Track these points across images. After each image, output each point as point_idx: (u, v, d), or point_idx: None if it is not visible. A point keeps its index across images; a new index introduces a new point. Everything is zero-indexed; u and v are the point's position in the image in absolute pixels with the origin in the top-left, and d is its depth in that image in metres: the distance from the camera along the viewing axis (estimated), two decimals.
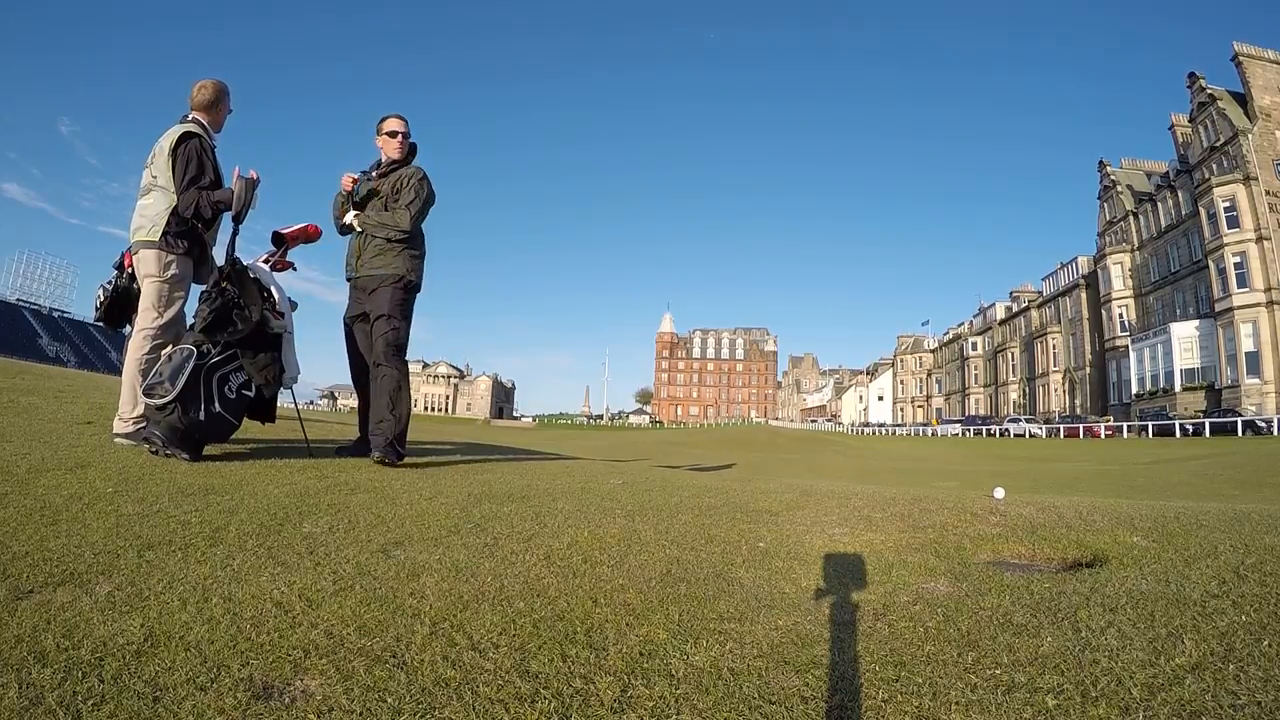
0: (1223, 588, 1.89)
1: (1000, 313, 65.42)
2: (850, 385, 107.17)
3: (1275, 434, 26.26)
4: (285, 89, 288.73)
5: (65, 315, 70.11)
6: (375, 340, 3.91)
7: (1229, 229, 35.39)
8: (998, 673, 1.43)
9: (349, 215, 4.05)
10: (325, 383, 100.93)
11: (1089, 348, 49.62)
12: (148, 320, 3.58)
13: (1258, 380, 33.37)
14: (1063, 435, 36.64)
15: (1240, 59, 36.89)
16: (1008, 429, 41.49)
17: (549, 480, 3.80)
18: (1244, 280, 34.58)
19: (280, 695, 1.23)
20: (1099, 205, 51.58)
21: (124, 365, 3.72)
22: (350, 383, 4.29)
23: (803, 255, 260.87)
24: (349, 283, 4.12)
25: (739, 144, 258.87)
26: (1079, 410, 48.45)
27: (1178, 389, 37.75)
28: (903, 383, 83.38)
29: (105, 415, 4.18)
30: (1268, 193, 34.57)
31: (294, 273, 4.14)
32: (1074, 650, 1.52)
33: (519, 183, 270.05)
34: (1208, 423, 29.82)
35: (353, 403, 4.41)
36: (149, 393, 3.22)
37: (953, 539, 2.61)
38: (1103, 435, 33.74)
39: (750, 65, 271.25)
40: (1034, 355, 56.25)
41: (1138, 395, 41.17)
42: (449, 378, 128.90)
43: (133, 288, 3.96)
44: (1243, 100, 37.09)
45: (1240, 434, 27.34)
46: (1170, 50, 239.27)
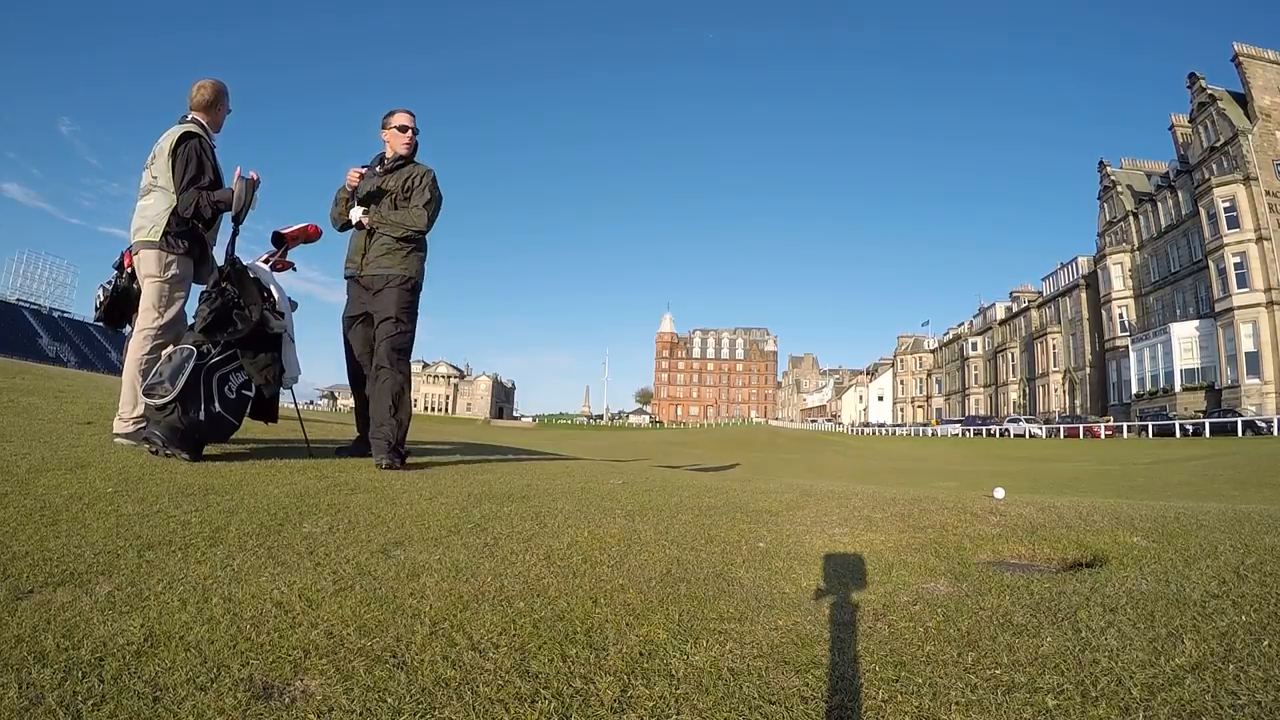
0: (1223, 588, 1.89)
1: (1000, 313, 65.43)
2: (850, 385, 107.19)
3: (1275, 434, 26.26)
4: (285, 89, 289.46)
5: (65, 315, 70.04)
6: (379, 342, 3.84)
7: (1229, 229, 35.42)
8: (998, 673, 1.43)
9: (357, 212, 3.95)
10: (325, 383, 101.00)
11: (1089, 348, 49.63)
12: (148, 320, 3.58)
13: (1258, 380, 33.38)
14: (1063, 435, 36.64)
15: (1240, 59, 36.92)
16: (1008, 429, 41.50)
17: (549, 480, 3.80)
18: (1244, 280, 34.61)
19: (280, 695, 1.23)
20: (1099, 205, 51.60)
21: (124, 365, 3.72)
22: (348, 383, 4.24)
23: (803, 255, 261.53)
24: (349, 280, 4.03)
25: (739, 144, 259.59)
26: (1079, 410, 48.45)
27: (1178, 389, 37.77)
28: (903, 383, 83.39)
29: (105, 415, 4.18)
30: (1268, 193, 34.59)
31: (294, 273, 4.12)
32: (1074, 650, 1.52)
33: (519, 183, 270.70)
34: (1208, 423, 29.82)
35: (353, 403, 4.39)
36: (149, 393, 3.22)
37: (953, 539, 2.61)
38: (1103, 435, 33.73)
39: (750, 65, 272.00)
40: (1034, 355, 56.26)
41: (1138, 395, 41.18)
42: (449, 378, 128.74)
43: (132, 288, 3.96)
44: (1243, 100, 37.11)
45: (1240, 434, 27.34)
46: (1170, 50, 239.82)
